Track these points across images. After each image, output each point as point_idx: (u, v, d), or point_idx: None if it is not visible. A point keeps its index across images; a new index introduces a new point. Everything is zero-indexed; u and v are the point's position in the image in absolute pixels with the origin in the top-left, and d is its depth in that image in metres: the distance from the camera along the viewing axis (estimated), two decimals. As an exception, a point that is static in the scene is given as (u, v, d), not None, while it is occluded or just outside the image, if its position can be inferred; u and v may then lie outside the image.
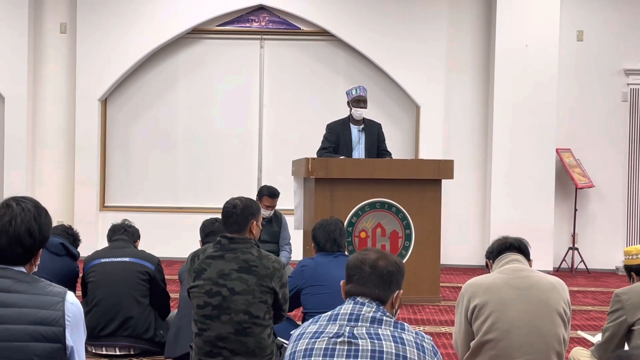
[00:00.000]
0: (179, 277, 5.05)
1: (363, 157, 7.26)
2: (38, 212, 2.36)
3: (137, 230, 5.27)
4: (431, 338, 2.46)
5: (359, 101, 7.29)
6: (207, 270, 3.78)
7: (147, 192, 10.26)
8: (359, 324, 2.39)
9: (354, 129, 7.35)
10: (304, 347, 2.40)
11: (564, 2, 9.71)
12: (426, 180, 7.03)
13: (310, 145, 7.87)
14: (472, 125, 10.01)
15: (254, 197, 6.24)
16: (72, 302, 2.32)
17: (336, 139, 7.30)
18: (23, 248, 2.32)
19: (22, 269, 2.34)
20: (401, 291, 2.54)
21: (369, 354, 2.32)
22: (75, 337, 2.30)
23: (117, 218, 5.64)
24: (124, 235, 5.11)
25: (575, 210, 9.71)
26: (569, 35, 9.90)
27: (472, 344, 3.46)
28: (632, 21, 9.91)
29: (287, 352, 2.47)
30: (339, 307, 2.48)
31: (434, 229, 7.07)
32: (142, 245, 5.31)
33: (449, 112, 9.98)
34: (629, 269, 3.96)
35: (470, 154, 9.97)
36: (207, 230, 4.92)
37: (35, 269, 2.42)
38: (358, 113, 7.30)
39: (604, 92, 9.96)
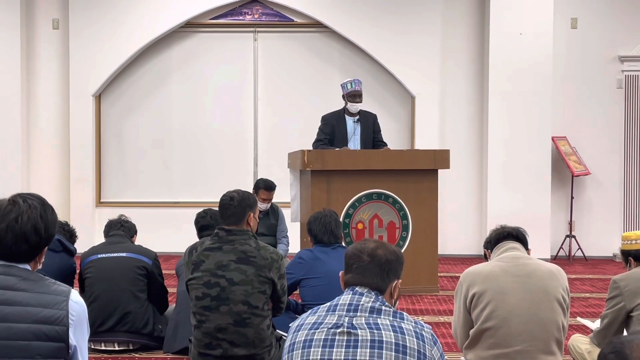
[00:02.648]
0: (176, 272, 5.05)
1: (359, 148, 7.25)
2: (44, 209, 2.34)
3: (134, 226, 5.26)
4: (430, 327, 2.46)
5: (354, 96, 7.28)
6: (205, 262, 3.78)
7: (143, 187, 10.24)
8: (358, 314, 2.39)
9: (349, 121, 7.34)
10: (303, 338, 2.40)
11: (558, -10, 9.70)
12: (422, 171, 7.02)
13: (306, 138, 7.86)
14: (468, 114, 10.00)
15: (251, 191, 6.23)
16: (76, 301, 2.30)
17: (331, 130, 7.29)
18: (28, 245, 2.29)
19: (27, 267, 2.32)
20: (400, 281, 2.54)
21: (369, 344, 2.32)
22: (79, 336, 2.28)
23: (113, 214, 5.63)
24: (120, 230, 5.11)
25: (572, 198, 9.71)
26: (563, 23, 9.88)
27: (471, 332, 3.46)
28: (626, 7, 9.90)
29: (286, 344, 2.47)
30: (337, 297, 2.48)
31: (431, 219, 7.06)
32: (138, 241, 5.31)
33: (444, 102, 9.97)
34: (627, 253, 3.97)
35: (466, 144, 9.96)
36: (199, 225, 4.94)
37: (40, 267, 2.40)
38: (354, 108, 7.29)
39: (599, 79, 9.95)
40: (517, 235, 3.67)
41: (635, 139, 9.92)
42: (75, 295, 2.30)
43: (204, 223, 4.89)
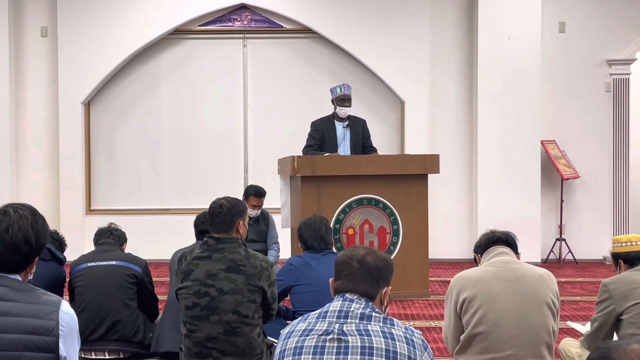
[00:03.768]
0: (170, 271, 5.03)
1: (348, 153, 7.26)
2: (35, 219, 2.33)
3: (124, 234, 5.25)
4: (421, 333, 2.46)
5: (343, 100, 7.28)
6: (194, 271, 3.77)
7: (133, 194, 10.21)
8: (348, 320, 2.39)
9: (339, 126, 7.35)
10: (293, 345, 2.40)
11: (545, -6, 9.75)
12: (412, 176, 7.03)
13: (296, 143, 7.86)
14: (457, 119, 10.03)
15: (241, 197, 6.22)
16: (67, 311, 2.29)
17: (321, 136, 7.30)
18: (19, 256, 2.29)
19: (18, 277, 2.31)
20: (389, 288, 2.54)
21: (359, 350, 2.32)
22: (69, 347, 2.27)
23: (103, 221, 5.60)
24: (110, 238, 5.09)
25: (562, 201, 9.75)
26: (551, 27, 9.93)
27: (462, 337, 3.47)
28: (613, 11, 9.95)
29: (277, 351, 2.46)
30: (328, 304, 2.48)
31: (422, 224, 7.07)
32: (129, 248, 5.29)
33: (433, 106, 9.99)
34: (616, 256, 3.99)
35: (455, 148, 9.98)
36: (198, 229, 4.94)
37: (31, 277, 2.39)
38: (343, 112, 7.30)
39: (587, 83, 10.00)
40: (506, 240, 3.68)
41: (624, 142, 9.96)
42: (65, 306, 2.30)
43: (203, 228, 4.87)
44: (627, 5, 9.95)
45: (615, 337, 3.79)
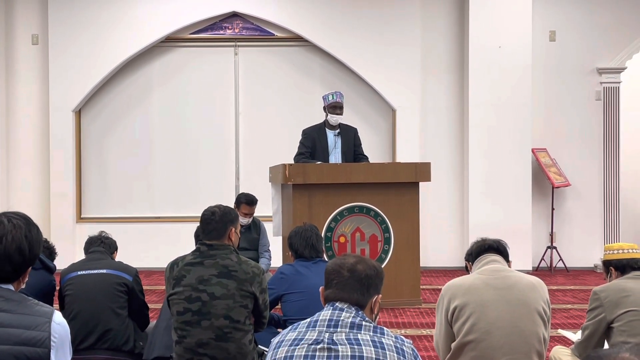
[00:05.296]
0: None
1: (340, 161, 7.26)
2: (29, 229, 2.31)
3: (114, 242, 5.22)
4: (411, 342, 2.46)
5: (335, 107, 7.29)
6: (186, 276, 3.77)
7: (124, 202, 10.18)
8: (339, 329, 2.38)
9: (330, 134, 7.35)
10: (283, 355, 2.39)
11: (536, 3, 9.79)
12: (404, 184, 7.04)
13: (287, 151, 7.86)
14: (448, 127, 10.05)
15: (232, 205, 6.21)
16: (59, 322, 2.27)
17: (312, 144, 7.30)
18: (12, 266, 2.27)
19: (10, 287, 2.29)
20: (380, 296, 2.54)
21: (349, 359, 2.31)
22: (61, 357, 2.26)
23: (94, 230, 5.58)
24: (100, 247, 5.06)
25: (553, 209, 9.77)
26: (542, 35, 9.97)
27: (453, 345, 3.47)
28: (604, 20, 10.00)
29: (267, 360, 2.46)
30: (318, 313, 2.47)
31: (413, 232, 7.07)
32: (120, 256, 5.27)
33: (425, 115, 10.01)
34: (608, 264, 4.00)
35: (447, 156, 10.00)
36: (197, 241, 4.92)
37: (23, 286, 2.37)
38: (334, 119, 7.30)
39: (578, 91, 10.04)
40: (498, 248, 3.69)
41: (615, 150, 10.00)
42: (58, 317, 2.27)
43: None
44: (617, 14, 10.00)
45: (606, 345, 3.79)
